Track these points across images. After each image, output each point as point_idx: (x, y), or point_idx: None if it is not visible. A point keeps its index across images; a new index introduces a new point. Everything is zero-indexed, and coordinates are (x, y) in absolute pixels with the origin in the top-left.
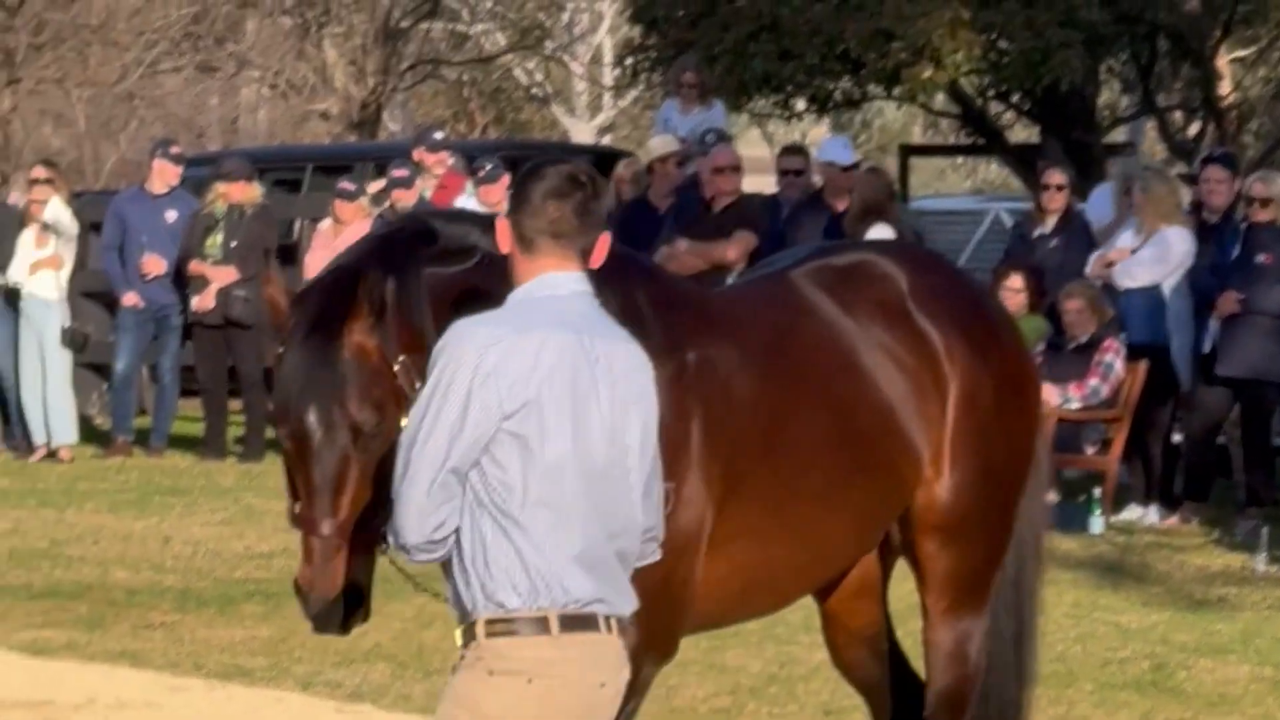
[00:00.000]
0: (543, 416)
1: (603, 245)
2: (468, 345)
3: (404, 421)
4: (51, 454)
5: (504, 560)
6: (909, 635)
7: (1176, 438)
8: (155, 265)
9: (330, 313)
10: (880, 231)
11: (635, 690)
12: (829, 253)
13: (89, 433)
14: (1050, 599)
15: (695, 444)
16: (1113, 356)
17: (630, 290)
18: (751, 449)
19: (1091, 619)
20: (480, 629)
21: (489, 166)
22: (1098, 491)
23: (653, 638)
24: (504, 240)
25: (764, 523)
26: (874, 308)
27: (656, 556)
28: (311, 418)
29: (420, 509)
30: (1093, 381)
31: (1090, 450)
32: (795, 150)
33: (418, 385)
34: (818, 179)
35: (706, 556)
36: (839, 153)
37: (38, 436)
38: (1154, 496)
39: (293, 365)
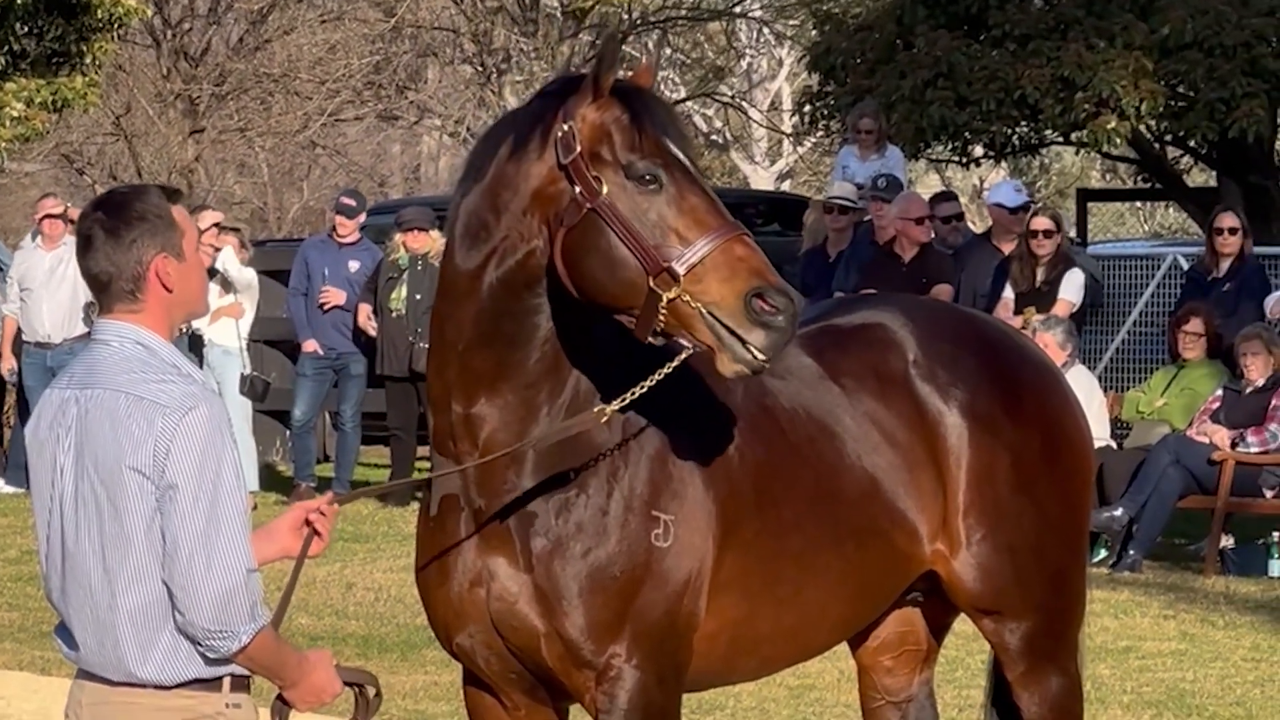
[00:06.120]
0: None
1: (156, 270)
2: None
3: None
4: None
5: None
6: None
7: None
8: (335, 296)
9: None
10: (1074, 277)
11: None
12: (841, 310)
13: (272, 480)
14: (1228, 643)
15: (690, 479)
16: None
17: (599, 331)
18: (743, 498)
19: (1271, 662)
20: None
21: None
22: (1276, 535)
23: (662, 677)
24: None
25: (752, 578)
26: (868, 375)
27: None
28: None
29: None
30: (1272, 426)
31: (1269, 494)
32: (947, 197)
33: None
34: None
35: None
36: (1009, 195)
37: None
38: None
39: None
